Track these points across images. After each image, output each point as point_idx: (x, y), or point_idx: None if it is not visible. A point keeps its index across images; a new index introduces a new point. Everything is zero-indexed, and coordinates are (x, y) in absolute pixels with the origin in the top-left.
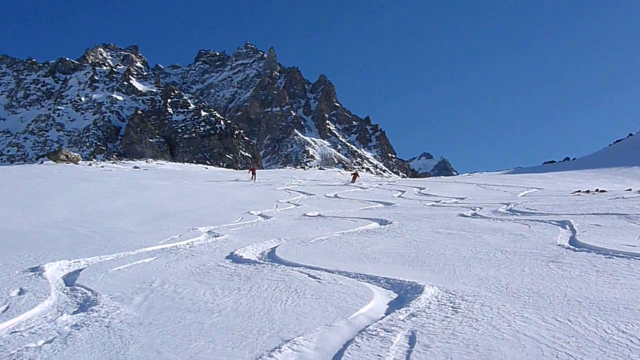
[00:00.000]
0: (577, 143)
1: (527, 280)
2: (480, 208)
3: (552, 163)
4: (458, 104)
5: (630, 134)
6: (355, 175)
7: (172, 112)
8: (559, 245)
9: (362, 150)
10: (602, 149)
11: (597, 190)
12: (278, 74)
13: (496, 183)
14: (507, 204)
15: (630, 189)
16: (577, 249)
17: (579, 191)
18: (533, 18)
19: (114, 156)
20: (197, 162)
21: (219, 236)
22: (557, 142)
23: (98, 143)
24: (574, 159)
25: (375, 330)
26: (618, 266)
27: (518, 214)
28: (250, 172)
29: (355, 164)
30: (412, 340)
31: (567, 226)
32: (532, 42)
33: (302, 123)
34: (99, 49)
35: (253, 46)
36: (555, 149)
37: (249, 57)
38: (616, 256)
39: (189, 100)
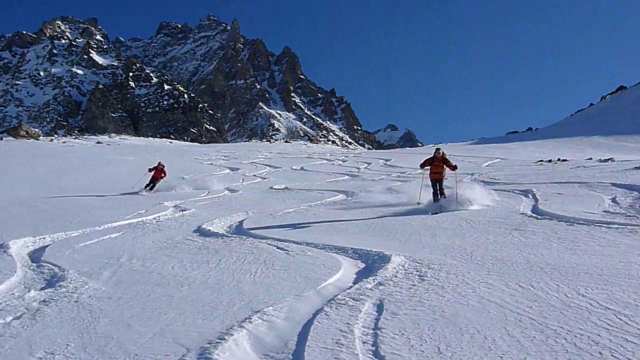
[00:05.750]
0: (540, 113)
1: (491, 248)
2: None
3: (515, 133)
4: (422, 76)
5: (591, 104)
6: (443, 164)
7: (134, 86)
8: (522, 213)
9: (328, 122)
10: (564, 119)
11: (558, 159)
12: (242, 46)
13: (461, 154)
14: (472, 174)
15: (590, 158)
16: (539, 217)
17: (542, 161)
18: None
19: (76, 132)
20: (161, 137)
21: (185, 210)
22: (521, 112)
23: (59, 118)
24: (537, 129)
25: (344, 299)
26: (578, 233)
27: (482, 183)
28: (153, 172)
29: (320, 137)
30: (380, 308)
31: (530, 195)
32: (500, 17)
33: (267, 96)
34: (57, 22)
35: (216, 18)
36: (518, 120)
37: (212, 30)
38: (577, 223)
39: (151, 74)
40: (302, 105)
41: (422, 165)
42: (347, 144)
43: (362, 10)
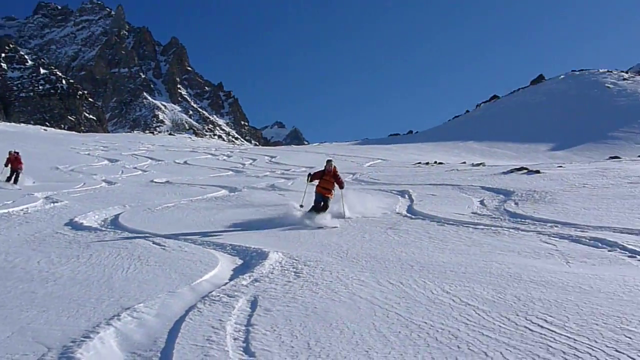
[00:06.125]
0: (420, 117)
1: (366, 246)
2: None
3: (397, 135)
4: (310, 75)
5: (467, 111)
6: (333, 179)
7: (6, 68)
8: (398, 213)
9: (215, 116)
10: (442, 124)
11: (435, 162)
12: (126, 33)
13: (344, 153)
14: (353, 174)
15: (464, 162)
16: (413, 216)
17: (419, 163)
18: None
19: None
20: (35, 123)
21: (57, 202)
22: (402, 115)
23: None
24: (417, 132)
25: (218, 295)
26: (448, 233)
27: (363, 183)
28: (9, 163)
29: (206, 131)
30: (254, 304)
31: (406, 195)
32: (378, 20)
33: (152, 86)
34: None
35: (99, 2)
36: (400, 122)
37: (95, 14)
38: (447, 224)
39: (26, 56)
40: (188, 98)
41: (311, 179)
42: (233, 139)
43: (250, 5)
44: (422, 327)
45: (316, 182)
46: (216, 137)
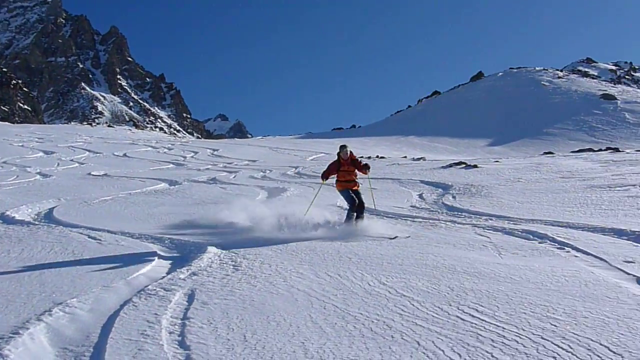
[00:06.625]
0: (363, 112)
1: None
2: (270, 170)
3: (340, 130)
4: (253, 67)
5: (409, 106)
6: (353, 166)
7: None
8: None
9: (156, 108)
10: (384, 119)
11: (377, 156)
12: (63, 21)
13: (288, 147)
14: (296, 167)
15: (405, 156)
16: None
17: (362, 157)
18: None
19: None
20: None
21: None
22: (346, 110)
23: None
24: (360, 126)
25: (155, 289)
26: (387, 226)
27: (304, 177)
28: None
29: (147, 123)
30: (191, 298)
31: None
32: (318, 9)
33: (90, 76)
34: None
35: None
36: (343, 117)
37: (30, 0)
38: (386, 217)
39: None
40: (128, 89)
41: (326, 175)
42: (175, 132)
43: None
44: (358, 318)
45: (332, 179)
46: (157, 129)
